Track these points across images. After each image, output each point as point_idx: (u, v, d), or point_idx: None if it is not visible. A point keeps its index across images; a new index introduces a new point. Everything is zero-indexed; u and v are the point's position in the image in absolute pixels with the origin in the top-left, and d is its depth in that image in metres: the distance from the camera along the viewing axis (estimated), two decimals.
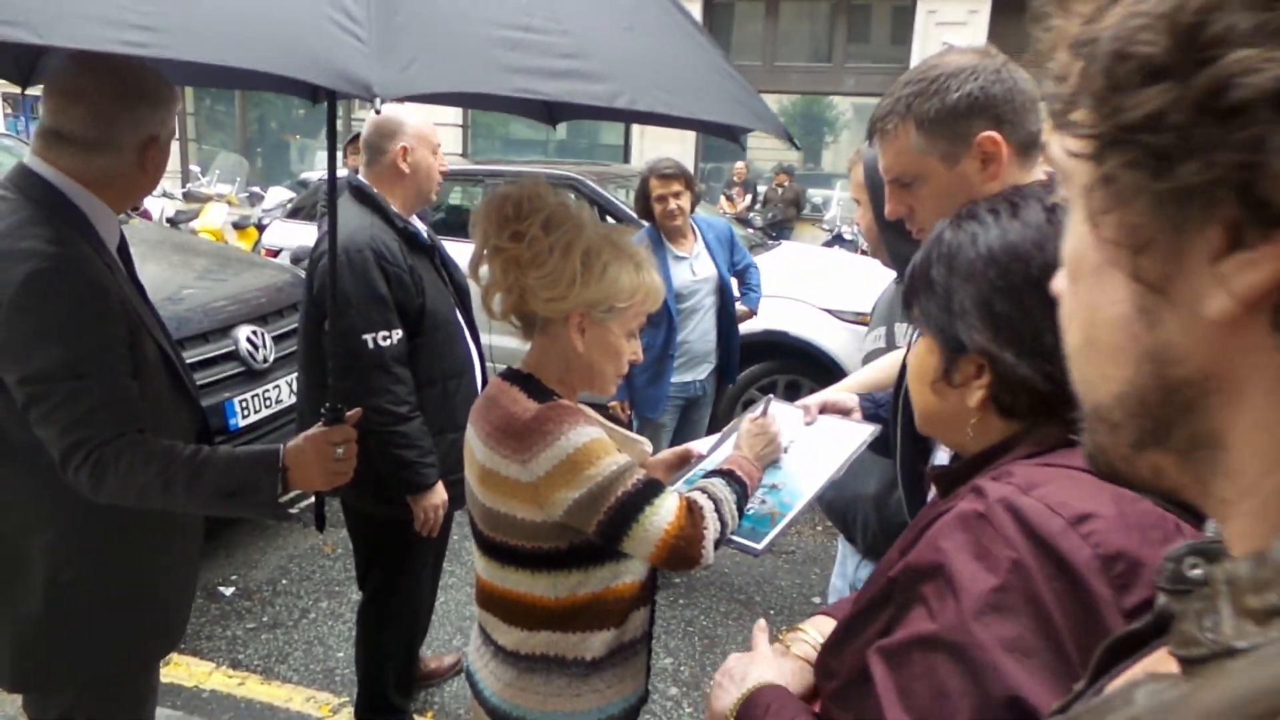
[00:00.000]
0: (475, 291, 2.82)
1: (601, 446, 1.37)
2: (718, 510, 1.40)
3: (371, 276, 2.27)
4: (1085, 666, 0.53)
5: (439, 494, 2.40)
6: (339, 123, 1.73)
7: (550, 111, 2.41)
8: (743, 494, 1.45)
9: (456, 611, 3.47)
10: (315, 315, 2.37)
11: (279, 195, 9.45)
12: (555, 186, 1.53)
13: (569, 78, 1.49)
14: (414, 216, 2.50)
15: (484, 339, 2.73)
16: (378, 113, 1.29)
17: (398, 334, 2.33)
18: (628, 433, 1.57)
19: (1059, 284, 0.46)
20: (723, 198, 11.64)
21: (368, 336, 2.27)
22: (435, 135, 2.49)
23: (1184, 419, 0.40)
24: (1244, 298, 0.35)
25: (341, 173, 2.30)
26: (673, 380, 3.61)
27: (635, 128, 11.82)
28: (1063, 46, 0.39)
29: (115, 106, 1.47)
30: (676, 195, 3.52)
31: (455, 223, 5.09)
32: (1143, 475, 0.44)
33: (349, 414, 1.63)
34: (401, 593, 2.57)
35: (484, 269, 1.47)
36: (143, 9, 1.17)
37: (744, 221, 5.61)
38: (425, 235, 2.50)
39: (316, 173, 7.02)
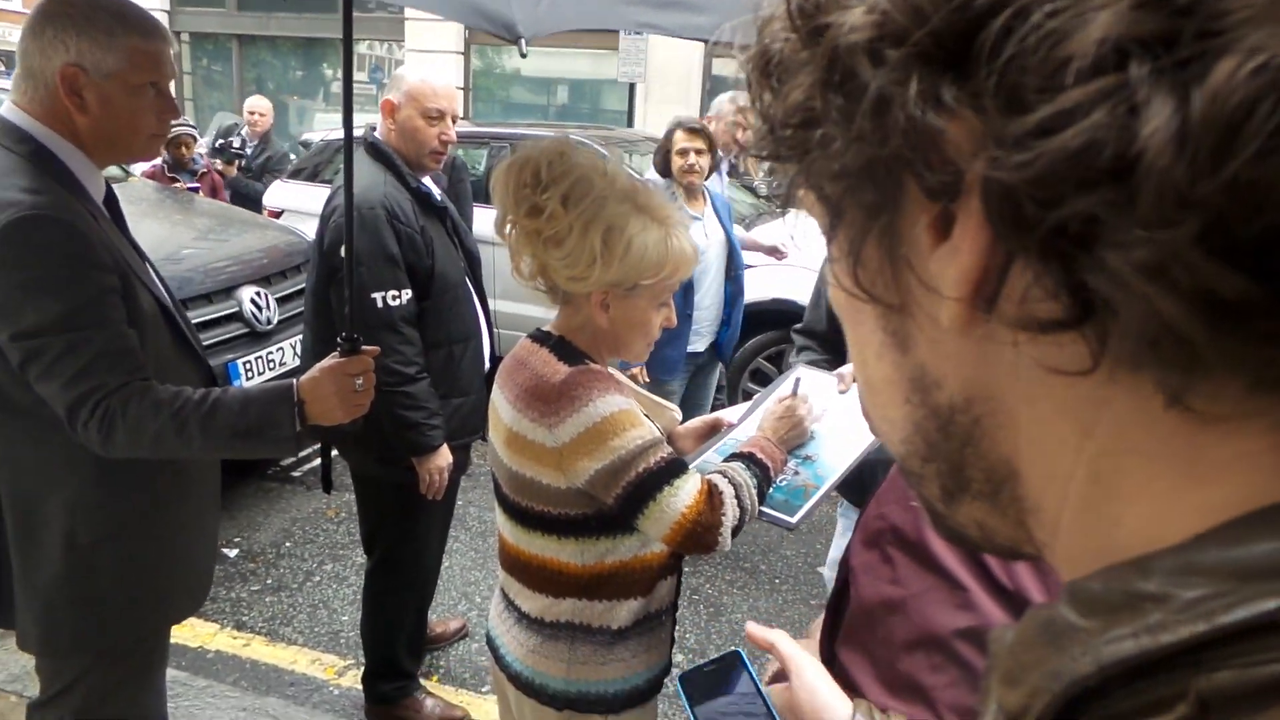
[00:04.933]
0: (485, 257, 2.77)
1: (629, 418, 1.33)
2: (738, 496, 1.36)
3: (383, 235, 2.21)
4: None
5: (444, 456, 2.37)
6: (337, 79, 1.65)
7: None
8: (764, 478, 1.41)
9: (461, 576, 3.46)
10: (325, 272, 2.32)
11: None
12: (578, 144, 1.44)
13: (675, 9, 1.41)
14: (427, 179, 2.44)
15: (491, 304, 2.69)
16: (524, 55, 1.19)
17: (407, 294, 2.28)
18: (659, 400, 1.53)
19: None
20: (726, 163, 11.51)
21: (377, 295, 2.22)
22: (433, 99, 2.35)
23: (971, 454, 0.34)
24: (961, 295, 0.30)
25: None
26: None
27: (639, 92, 11.66)
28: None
29: (29, 30, 1.39)
30: (699, 153, 3.48)
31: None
32: (972, 534, 0.37)
33: (366, 348, 1.58)
34: (409, 557, 2.55)
35: (508, 228, 1.42)
36: None
37: (751, 189, 5.55)
38: (438, 197, 2.45)
39: (318, 133, 6.90)
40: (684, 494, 1.31)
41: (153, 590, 1.59)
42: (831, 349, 2.19)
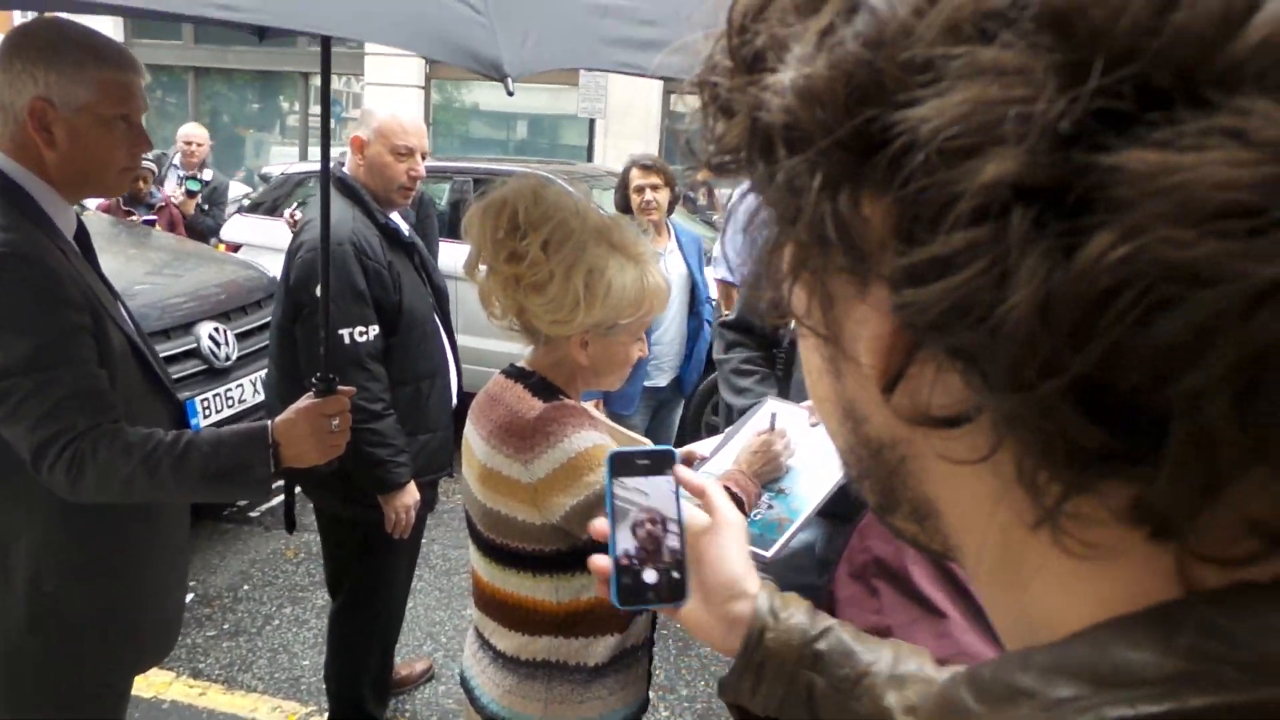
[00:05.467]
0: (451, 292, 2.76)
1: (603, 453, 1.32)
2: None
3: (350, 270, 2.20)
4: None
5: (411, 494, 2.34)
6: (301, 116, 1.65)
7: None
8: (742, 508, 1.42)
9: (426, 616, 3.40)
10: (291, 308, 2.29)
11: (234, 190, 9.23)
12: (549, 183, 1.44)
13: (654, 48, 1.43)
14: (396, 214, 2.43)
15: (457, 340, 2.67)
16: (510, 94, 1.18)
17: (374, 330, 2.26)
18: (631, 434, 1.53)
19: None
20: (681, 196, 11.62)
21: (344, 331, 2.20)
22: (402, 136, 2.36)
23: (899, 484, 0.35)
24: (871, 363, 0.30)
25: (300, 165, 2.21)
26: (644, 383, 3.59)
27: (599, 128, 11.77)
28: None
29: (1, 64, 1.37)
30: (655, 188, 3.53)
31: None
32: (907, 538, 0.39)
33: (342, 388, 1.56)
34: (375, 597, 2.50)
35: (480, 270, 1.41)
36: None
37: (711, 224, 5.64)
38: (406, 233, 2.44)
39: (277, 167, 6.84)
40: None
41: (120, 637, 1.54)
42: (764, 345, 2.15)
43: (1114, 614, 0.27)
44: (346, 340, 2.20)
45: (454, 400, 2.60)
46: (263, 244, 5.31)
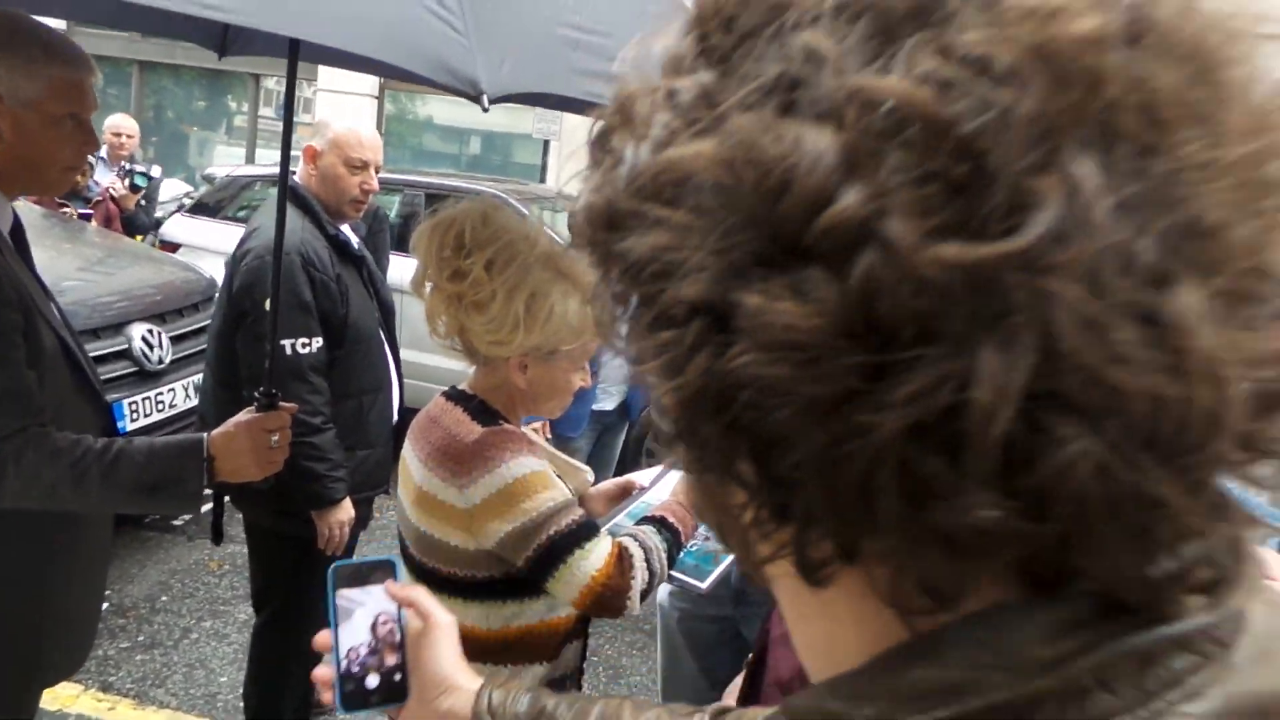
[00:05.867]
0: (399, 308, 2.73)
1: (541, 480, 1.34)
2: (648, 560, 1.37)
3: (297, 281, 2.17)
4: None
5: (346, 510, 2.30)
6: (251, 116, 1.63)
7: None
8: (675, 542, 1.43)
9: None
10: (232, 315, 2.25)
11: (173, 188, 9.00)
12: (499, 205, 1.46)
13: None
14: (346, 226, 2.41)
15: (402, 355, 2.65)
16: (486, 110, 1.20)
17: (318, 342, 2.24)
18: (572, 460, 1.54)
19: None
20: None
21: (286, 342, 2.17)
22: (358, 150, 2.36)
23: (728, 534, 0.43)
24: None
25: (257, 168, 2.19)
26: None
27: (553, 148, 11.80)
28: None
29: None
30: None
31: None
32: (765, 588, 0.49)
33: (284, 404, 1.54)
34: (302, 615, 2.43)
35: (426, 287, 1.42)
36: None
37: None
38: (356, 245, 2.42)
39: (222, 169, 6.70)
40: (594, 557, 1.32)
41: (35, 648, 1.49)
42: None
43: (891, 642, 0.34)
44: (289, 351, 2.16)
45: (395, 416, 2.57)
46: (203, 246, 5.19)
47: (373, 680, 0.90)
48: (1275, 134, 0.30)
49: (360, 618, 0.91)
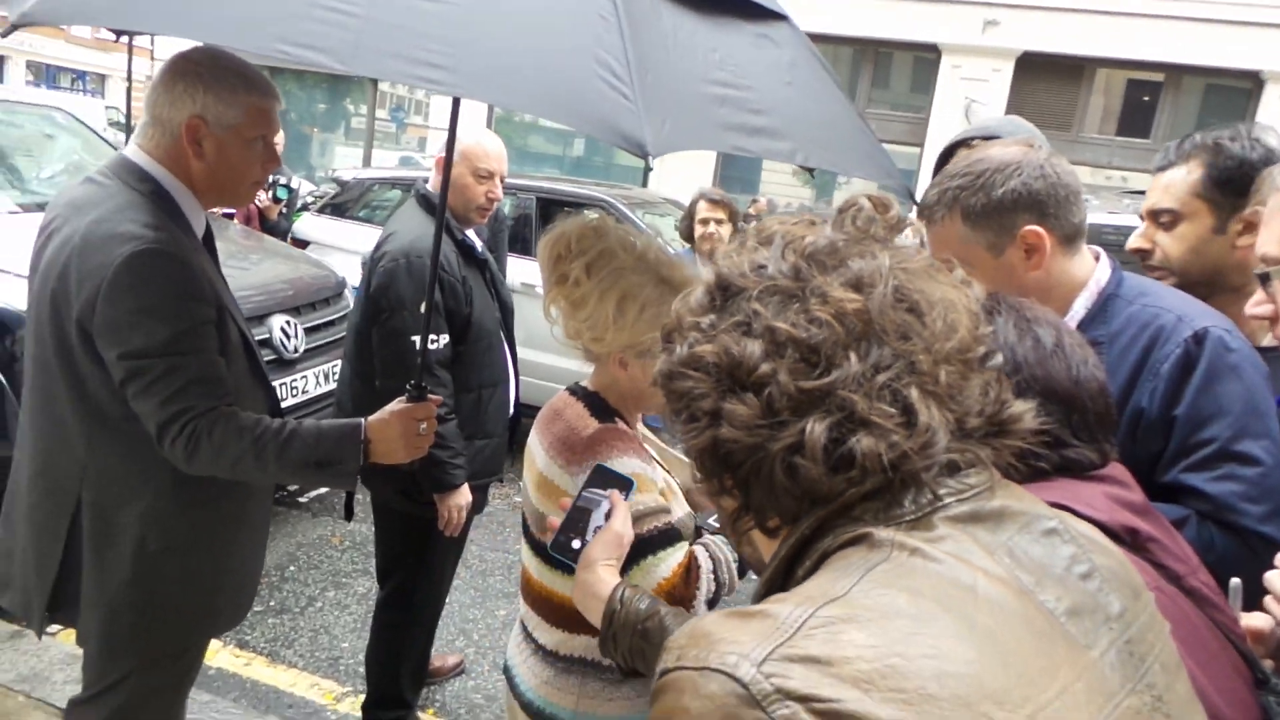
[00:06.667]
0: (518, 309, 2.90)
1: (639, 482, 1.46)
2: (715, 571, 1.47)
3: (428, 282, 2.36)
4: None
5: (465, 495, 2.49)
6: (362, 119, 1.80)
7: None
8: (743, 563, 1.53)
9: (460, 614, 3.55)
10: (370, 313, 2.46)
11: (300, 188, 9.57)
12: (610, 216, 1.61)
13: (762, 135, 1.60)
14: (471, 231, 2.60)
15: (520, 353, 2.83)
16: (650, 169, 1.39)
17: (444, 339, 2.43)
18: (681, 455, 1.66)
19: None
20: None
21: (416, 339, 2.36)
22: (485, 160, 2.54)
23: (732, 529, 0.80)
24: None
25: (383, 171, 2.37)
26: None
27: None
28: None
29: (160, 83, 1.56)
30: (720, 222, 3.76)
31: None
32: (754, 560, 0.85)
33: (431, 396, 1.72)
34: (422, 590, 2.65)
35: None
36: (438, 48, 1.25)
37: None
38: (480, 249, 2.61)
39: (346, 170, 7.12)
40: (665, 566, 1.44)
41: (207, 600, 1.70)
42: None
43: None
44: (418, 347, 2.36)
45: (511, 409, 2.75)
46: (331, 243, 5.55)
47: (575, 544, 1.33)
48: (950, 340, 0.72)
49: (594, 504, 1.34)
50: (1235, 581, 1.06)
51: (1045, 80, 11.75)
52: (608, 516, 1.33)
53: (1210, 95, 11.67)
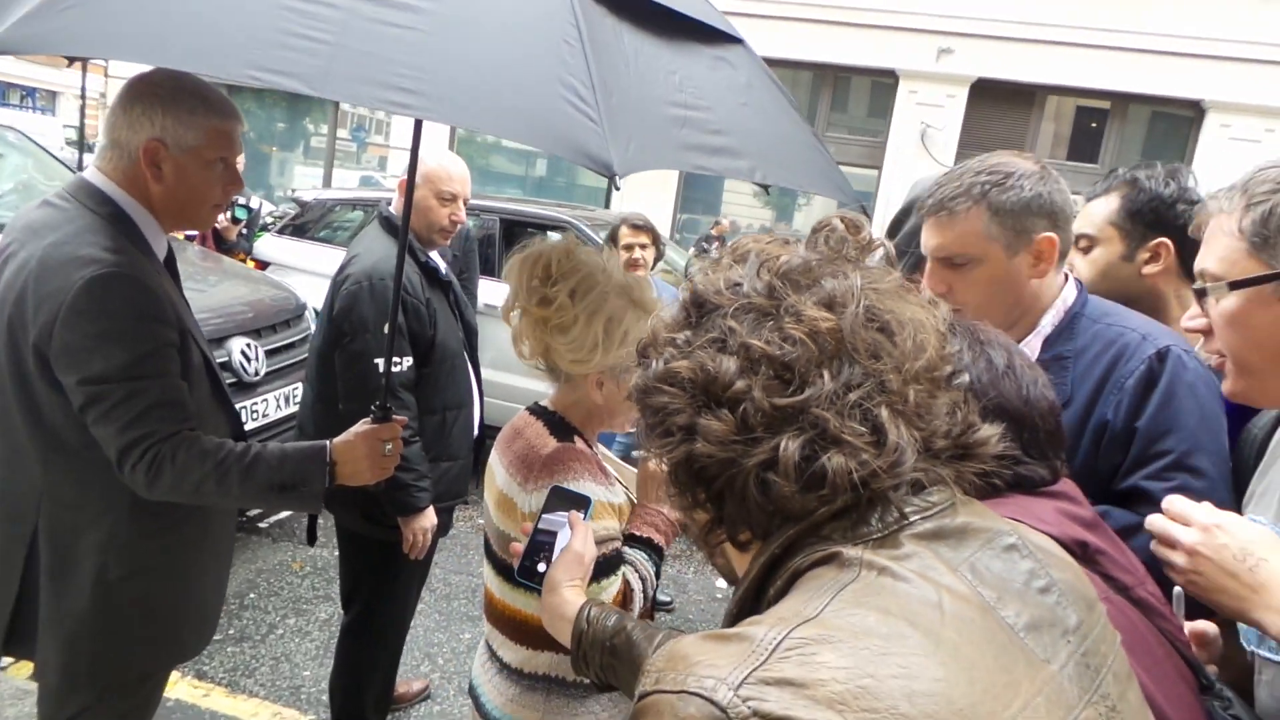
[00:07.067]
0: (483, 331, 2.90)
1: (597, 510, 1.47)
2: (644, 589, 1.51)
3: (391, 304, 2.36)
4: None
5: (429, 518, 2.47)
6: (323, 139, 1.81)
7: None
8: (660, 560, 1.57)
9: (425, 638, 3.51)
10: (332, 336, 2.45)
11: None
12: (579, 240, 1.65)
13: (722, 155, 1.64)
14: (434, 252, 2.60)
15: (485, 375, 2.83)
16: (618, 189, 1.41)
17: (408, 362, 2.42)
18: (630, 468, 1.68)
19: None
20: (693, 250, 11.82)
21: (379, 361, 2.35)
22: (449, 183, 2.54)
23: (703, 541, 0.83)
24: None
25: (344, 193, 2.37)
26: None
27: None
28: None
29: (118, 105, 1.54)
30: (643, 247, 3.82)
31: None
32: (725, 571, 0.87)
33: (395, 417, 1.72)
34: (386, 614, 2.62)
35: (514, 314, 1.59)
36: (408, 73, 1.26)
37: None
38: (444, 271, 2.61)
39: (306, 191, 7.06)
40: (606, 594, 1.46)
41: (168, 628, 1.67)
42: None
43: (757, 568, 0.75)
44: (382, 369, 2.35)
45: (475, 431, 2.75)
46: (292, 265, 5.50)
47: (542, 567, 1.33)
48: (919, 359, 0.74)
49: (557, 526, 1.35)
50: (1178, 590, 1.10)
51: (998, 106, 12.05)
52: (553, 539, 1.36)
53: (1155, 123, 12.07)
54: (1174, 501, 1.08)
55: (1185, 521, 1.05)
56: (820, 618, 0.63)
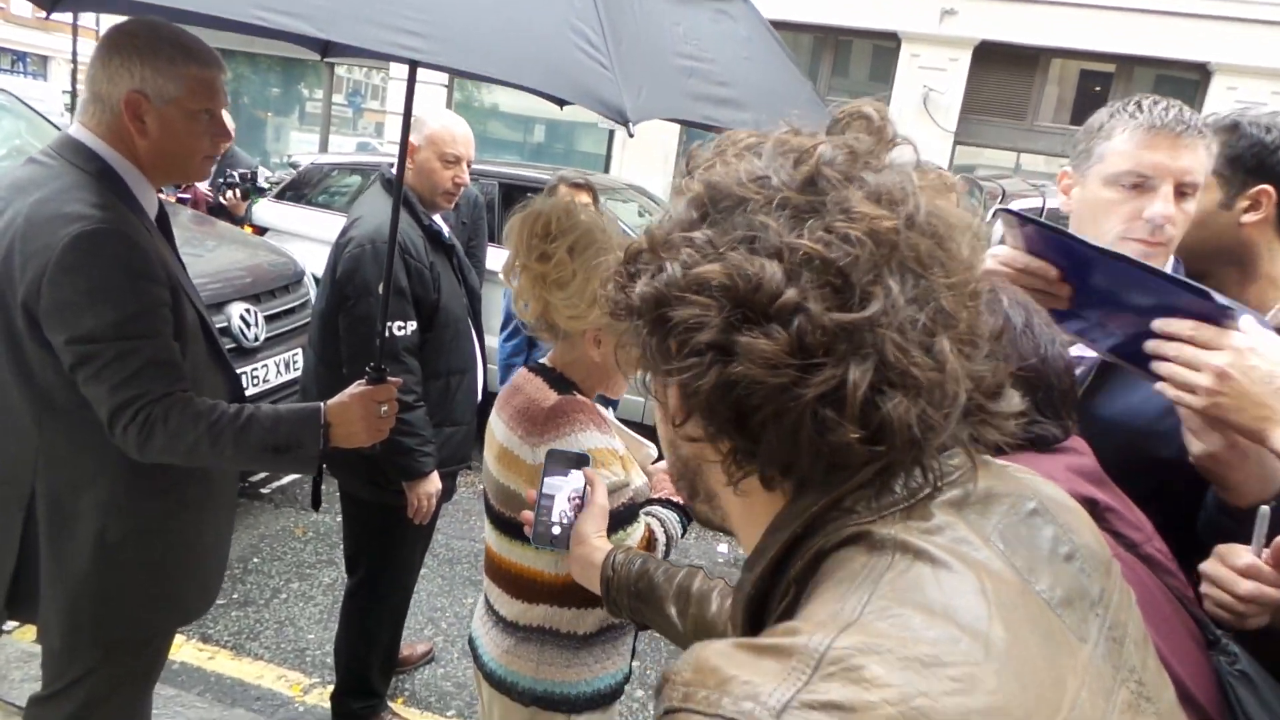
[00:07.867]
0: (486, 297, 2.88)
1: (604, 456, 1.48)
2: (668, 546, 1.53)
3: (394, 268, 2.33)
4: None
5: (434, 482, 2.47)
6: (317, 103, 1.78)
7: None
8: (687, 523, 1.59)
9: (429, 602, 3.52)
10: (335, 299, 2.42)
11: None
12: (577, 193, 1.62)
13: (728, 106, 1.62)
14: (438, 216, 2.56)
15: (488, 340, 2.81)
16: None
17: (412, 325, 2.40)
18: (636, 436, 1.67)
19: None
20: None
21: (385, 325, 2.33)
22: (453, 145, 2.51)
23: (698, 480, 0.73)
24: (670, 417, 0.69)
25: (338, 157, 2.34)
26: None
27: (619, 137, 11.93)
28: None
29: (97, 58, 1.50)
30: (584, 205, 3.76)
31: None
32: (707, 518, 0.78)
33: (391, 378, 1.70)
34: (391, 578, 2.62)
35: (514, 273, 1.58)
36: (416, 16, 1.23)
37: None
38: (447, 235, 2.58)
39: (303, 155, 6.98)
40: (630, 541, 1.47)
41: (171, 589, 1.66)
42: None
43: (770, 519, 0.67)
44: (386, 333, 2.33)
45: (479, 396, 2.73)
46: (290, 230, 5.45)
47: (556, 530, 1.37)
48: (974, 270, 0.65)
49: (558, 488, 1.37)
50: (1264, 508, 1.08)
51: (1001, 70, 11.91)
52: (575, 495, 1.38)
53: (1160, 85, 11.93)
54: (1200, 329, 1.08)
55: (1217, 346, 1.06)
56: (861, 621, 0.56)
